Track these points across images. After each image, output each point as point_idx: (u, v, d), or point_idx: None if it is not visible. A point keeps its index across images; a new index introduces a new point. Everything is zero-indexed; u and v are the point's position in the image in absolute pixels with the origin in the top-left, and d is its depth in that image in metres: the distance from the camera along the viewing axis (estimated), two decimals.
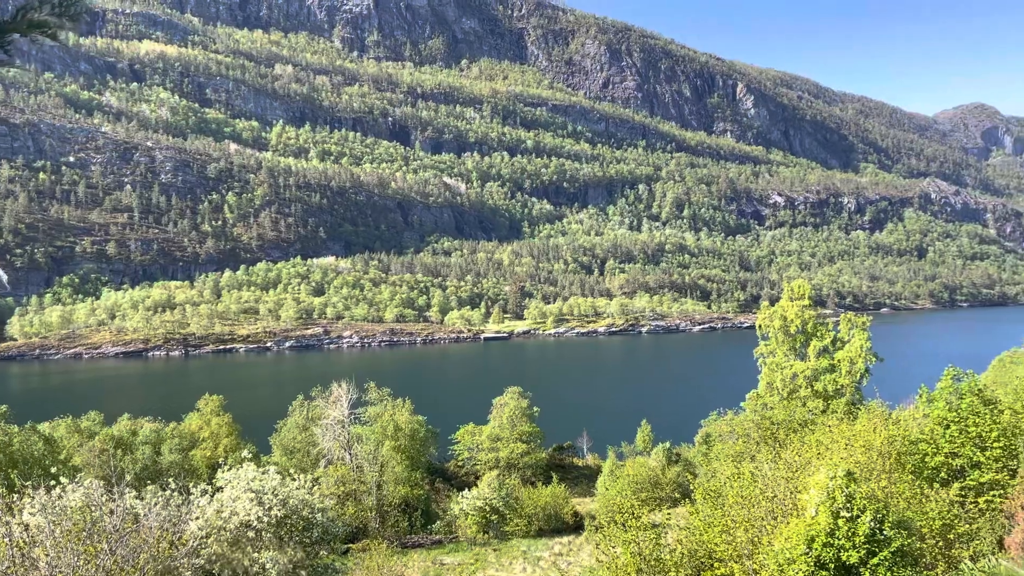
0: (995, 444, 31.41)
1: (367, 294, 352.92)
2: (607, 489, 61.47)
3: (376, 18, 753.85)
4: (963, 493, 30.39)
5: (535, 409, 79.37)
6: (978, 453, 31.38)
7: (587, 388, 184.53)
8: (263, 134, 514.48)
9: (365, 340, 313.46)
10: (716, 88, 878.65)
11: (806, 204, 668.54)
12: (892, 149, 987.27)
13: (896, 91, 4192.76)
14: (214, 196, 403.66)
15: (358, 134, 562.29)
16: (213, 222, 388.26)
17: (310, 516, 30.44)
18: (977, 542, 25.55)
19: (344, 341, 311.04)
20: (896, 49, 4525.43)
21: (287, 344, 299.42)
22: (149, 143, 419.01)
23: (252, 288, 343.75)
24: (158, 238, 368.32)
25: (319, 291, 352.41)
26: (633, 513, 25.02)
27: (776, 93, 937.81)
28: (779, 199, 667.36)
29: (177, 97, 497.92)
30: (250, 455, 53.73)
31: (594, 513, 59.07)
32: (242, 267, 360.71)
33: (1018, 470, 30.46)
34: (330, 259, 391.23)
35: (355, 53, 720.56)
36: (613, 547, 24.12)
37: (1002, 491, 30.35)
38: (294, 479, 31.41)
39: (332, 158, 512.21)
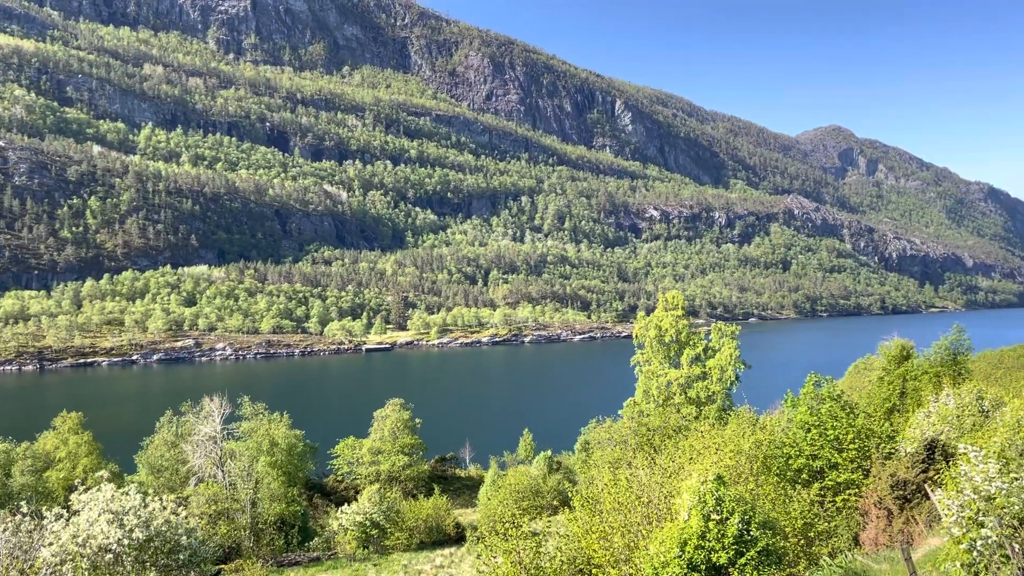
0: (851, 446, 33.39)
1: (242, 304, 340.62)
2: (489, 499, 61.51)
3: (253, 20, 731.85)
4: (822, 493, 32.11)
5: (417, 421, 78.54)
6: (836, 455, 33.26)
7: (470, 398, 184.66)
8: (130, 136, 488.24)
9: (240, 352, 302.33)
10: (596, 104, 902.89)
11: (680, 218, 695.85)
12: (759, 167, 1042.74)
13: (763, 111, 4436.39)
14: (75, 200, 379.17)
15: (234, 139, 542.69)
16: (73, 228, 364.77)
17: (176, 538, 28.86)
18: (835, 539, 27.00)
19: (217, 353, 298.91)
20: (763, 71, 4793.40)
21: (155, 357, 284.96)
22: (1, 143, 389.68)
23: (117, 298, 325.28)
24: (10, 244, 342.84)
25: (190, 301, 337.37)
26: (514, 522, 25.11)
27: (652, 110, 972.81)
28: (655, 213, 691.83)
29: (33, 95, 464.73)
30: (111, 475, 50.62)
31: (476, 524, 58.97)
32: (106, 276, 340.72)
33: (871, 470, 32.47)
34: (203, 268, 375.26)
35: (231, 55, 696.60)
36: (494, 557, 24.12)
37: (857, 490, 32.26)
38: (158, 499, 29.74)
39: (206, 163, 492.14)
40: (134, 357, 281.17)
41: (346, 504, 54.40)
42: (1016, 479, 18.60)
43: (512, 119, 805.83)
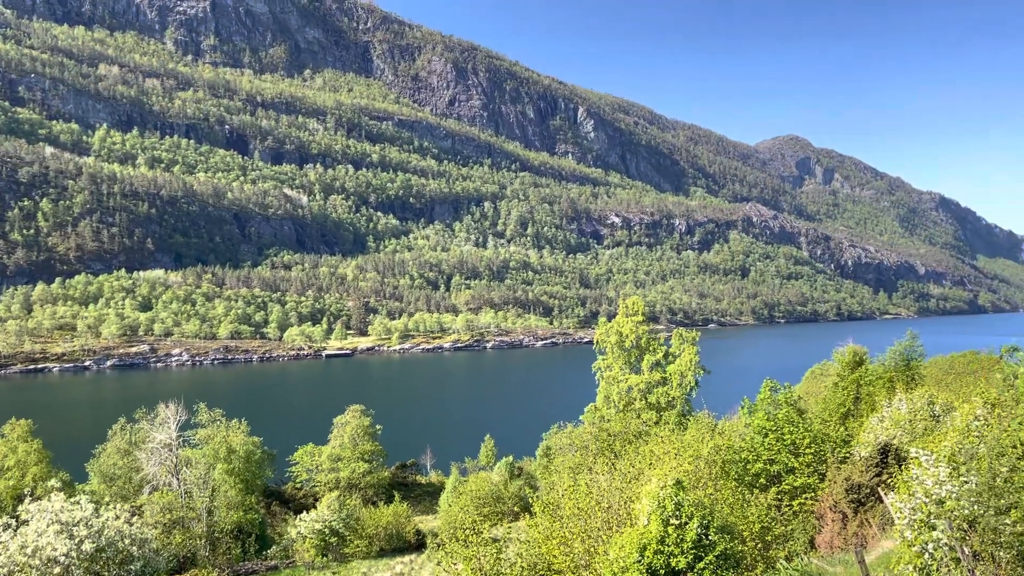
0: (807, 450, 33.92)
1: (199, 309, 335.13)
2: (450, 506, 61.21)
3: (213, 22, 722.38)
4: (779, 497, 32.54)
5: (378, 427, 77.93)
6: (792, 459, 33.76)
7: (432, 404, 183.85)
8: (84, 138, 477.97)
9: (197, 358, 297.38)
10: (558, 111, 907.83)
11: (641, 225, 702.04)
12: (719, 175, 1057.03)
13: (723, 120, 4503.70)
14: (26, 202, 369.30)
15: (192, 141, 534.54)
16: (24, 231, 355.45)
17: (128, 548, 28.22)
18: (791, 543, 27.35)
19: (173, 359, 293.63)
20: (723, 80, 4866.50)
21: (108, 363, 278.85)
22: None
23: (69, 303, 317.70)
24: None
25: (146, 306, 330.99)
26: (474, 529, 25.05)
27: (614, 118, 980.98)
28: (616, 219, 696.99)
29: None
30: (61, 484, 49.38)
31: (437, 530, 58.67)
32: (58, 280, 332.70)
33: (826, 474, 33.00)
34: (159, 272, 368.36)
35: (189, 57, 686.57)
36: (454, 564, 24.04)
37: (813, 494, 32.77)
38: (112, 508, 29.07)
39: (163, 166, 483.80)
40: (87, 363, 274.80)
41: (305, 512, 53.76)
42: (965, 483, 19.04)
43: (475, 125, 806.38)
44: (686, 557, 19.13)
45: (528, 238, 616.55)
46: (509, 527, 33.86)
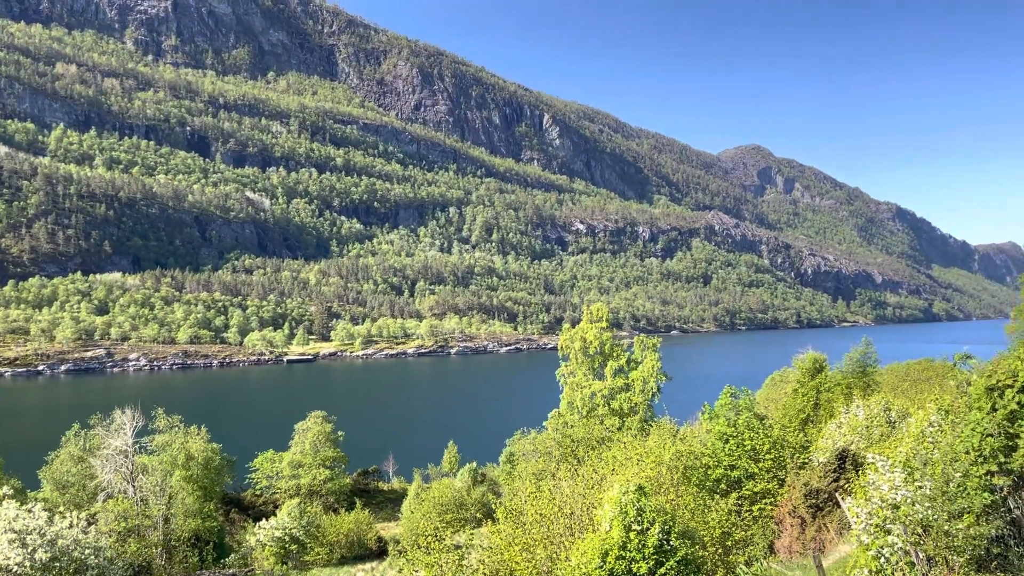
0: (767, 456, 34.34)
1: (158, 313, 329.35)
2: (412, 512, 60.85)
3: (174, 22, 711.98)
4: (740, 502, 32.87)
5: (340, 433, 77.22)
6: (752, 465, 34.14)
7: (395, 410, 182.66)
8: (40, 137, 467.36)
9: (155, 363, 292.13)
10: (524, 117, 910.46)
11: (605, 232, 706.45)
12: (682, 183, 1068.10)
13: (686, 129, 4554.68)
14: None
15: (152, 143, 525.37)
16: None
17: (83, 557, 27.59)
18: (751, 548, 27.62)
19: (130, 364, 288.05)
20: (686, 89, 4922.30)
21: (63, 367, 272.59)
22: None
23: (23, 306, 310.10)
24: None
25: (102, 310, 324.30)
26: (437, 536, 24.93)
27: (579, 125, 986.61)
28: (581, 226, 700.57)
29: None
30: (13, 491, 48.05)
31: (399, 537, 58.31)
32: (11, 282, 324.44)
33: (786, 479, 33.42)
34: (116, 275, 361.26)
35: (150, 57, 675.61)
36: (416, 571, 23.90)
37: (773, 499, 33.16)
38: (66, 517, 28.40)
39: (121, 167, 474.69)
40: (40, 368, 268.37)
41: (265, 519, 53.10)
42: (920, 488, 19.41)
43: (440, 130, 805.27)
44: (647, 563, 19.22)
45: (493, 244, 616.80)
46: (471, 534, 33.77)
